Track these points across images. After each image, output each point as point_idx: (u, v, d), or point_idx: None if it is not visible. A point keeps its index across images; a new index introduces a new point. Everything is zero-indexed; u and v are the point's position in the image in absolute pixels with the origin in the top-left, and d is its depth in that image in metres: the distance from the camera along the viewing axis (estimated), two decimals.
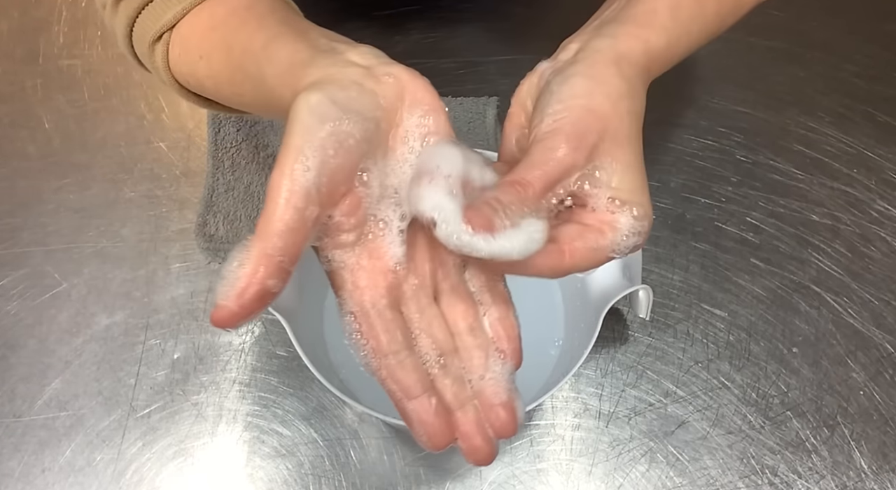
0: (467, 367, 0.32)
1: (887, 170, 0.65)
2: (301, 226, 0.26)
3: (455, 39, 0.73)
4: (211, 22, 0.39)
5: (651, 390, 0.54)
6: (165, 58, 0.42)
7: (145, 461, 0.51)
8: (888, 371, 0.55)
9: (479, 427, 0.30)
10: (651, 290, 0.48)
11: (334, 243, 0.30)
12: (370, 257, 0.31)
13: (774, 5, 0.77)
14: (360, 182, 0.30)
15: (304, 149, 0.27)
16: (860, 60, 0.72)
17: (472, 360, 0.32)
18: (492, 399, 0.31)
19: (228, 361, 0.54)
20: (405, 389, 0.30)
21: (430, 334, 0.31)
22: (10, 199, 0.62)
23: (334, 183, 0.28)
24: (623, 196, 0.30)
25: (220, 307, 0.26)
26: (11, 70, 0.70)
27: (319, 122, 0.27)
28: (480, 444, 0.30)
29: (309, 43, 0.33)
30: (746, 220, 0.62)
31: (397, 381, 0.30)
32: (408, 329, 0.31)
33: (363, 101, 0.29)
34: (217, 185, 0.61)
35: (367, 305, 0.31)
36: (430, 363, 0.31)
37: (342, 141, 0.28)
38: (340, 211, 0.29)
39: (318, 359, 0.45)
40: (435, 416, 0.30)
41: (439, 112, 0.32)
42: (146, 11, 0.41)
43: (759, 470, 0.51)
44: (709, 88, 0.70)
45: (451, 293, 0.32)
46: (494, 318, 0.32)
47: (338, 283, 0.31)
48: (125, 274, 0.58)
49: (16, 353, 0.55)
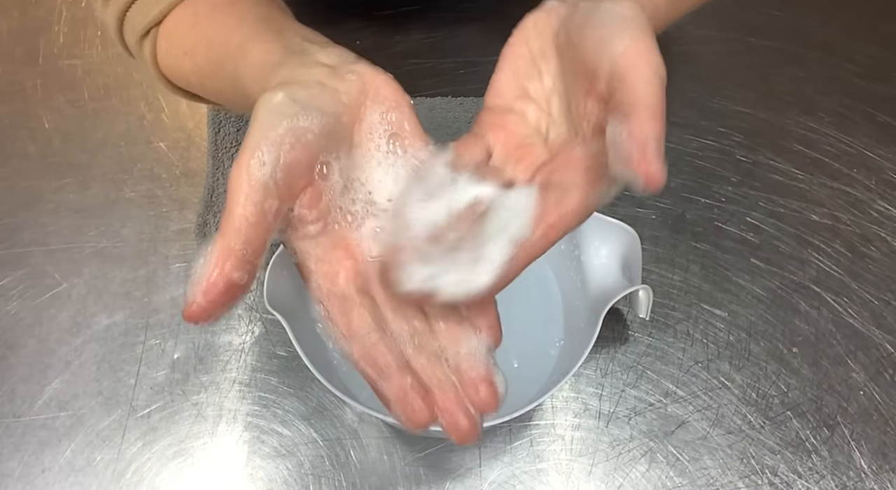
0: (442, 346, 0.31)
1: (887, 170, 0.65)
2: (261, 219, 0.27)
3: (455, 39, 0.73)
4: (194, 18, 0.40)
5: (651, 390, 0.54)
6: (153, 52, 0.43)
7: (145, 461, 0.51)
8: (888, 371, 0.55)
9: (460, 403, 0.30)
10: (651, 290, 0.48)
11: (298, 235, 0.31)
12: (335, 247, 0.32)
13: (774, 5, 0.77)
14: (321, 175, 0.30)
15: (260, 144, 0.28)
16: (860, 60, 0.72)
17: (446, 339, 0.31)
18: (470, 375, 0.31)
19: (228, 361, 0.54)
20: (379, 370, 0.30)
21: (402, 315, 0.31)
22: (10, 199, 0.62)
23: (292, 177, 0.29)
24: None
25: (190, 303, 0.27)
26: (11, 70, 0.70)
27: (277, 118, 0.28)
28: (462, 420, 0.30)
29: (282, 43, 0.34)
30: (746, 220, 0.62)
31: (371, 362, 0.30)
32: (378, 312, 0.31)
33: (324, 98, 0.30)
34: (217, 185, 0.61)
35: (335, 291, 0.31)
36: (403, 343, 0.31)
37: (299, 136, 0.28)
38: (301, 203, 0.30)
39: (318, 359, 0.45)
40: (412, 395, 0.30)
41: (403, 107, 0.33)
42: (135, 7, 0.42)
43: (759, 470, 0.51)
44: (709, 88, 0.70)
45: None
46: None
47: (305, 274, 0.32)
48: (125, 274, 0.58)
49: (16, 353, 0.55)
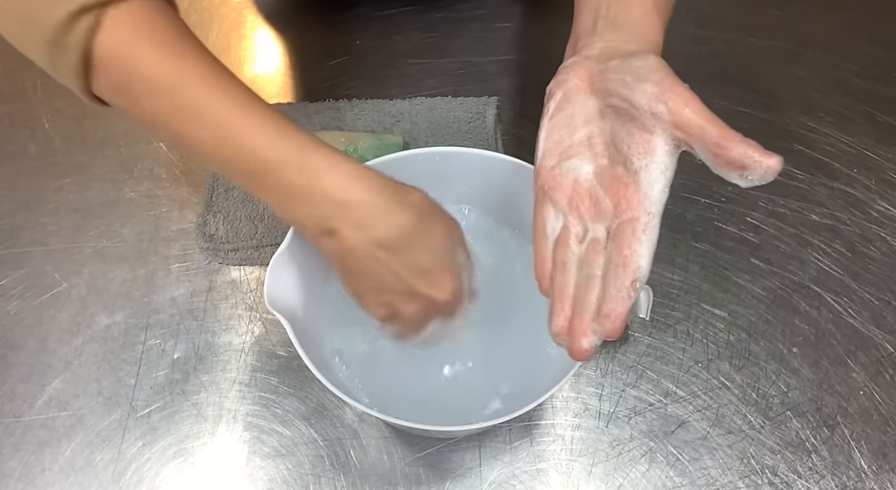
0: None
1: (887, 170, 0.65)
2: None
3: (455, 39, 0.73)
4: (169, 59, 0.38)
5: (651, 390, 0.54)
6: (89, 35, 0.36)
7: (145, 461, 0.51)
8: (888, 371, 0.55)
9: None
10: (651, 290, 0.48)
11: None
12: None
13: (774, 5, 0.77)
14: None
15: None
16: (860, 60, 0.72)
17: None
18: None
19: (228, 361, 0.54)
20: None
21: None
22: (11, 199, 0.62)
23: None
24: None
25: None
26: (11, 70, 0.70)
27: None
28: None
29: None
30: (746, 220, 0.62)
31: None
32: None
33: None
34: (217, 185, 0.61)
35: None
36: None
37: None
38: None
39: (318, 359, 0.45)
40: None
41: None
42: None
43: (759, 470, 0.51)
44: (709, 88, 0.69)
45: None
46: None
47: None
48: (125, 274, 0.58)
49: (16, 353, 0.55)
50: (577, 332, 0.37)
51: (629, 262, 0.36)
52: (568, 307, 0.38)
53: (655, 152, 0.36)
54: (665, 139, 0.36)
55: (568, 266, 0.38)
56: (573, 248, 0.38)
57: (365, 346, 0.51)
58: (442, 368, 0.51)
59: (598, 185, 0.38)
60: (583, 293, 0.37)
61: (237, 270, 0.59)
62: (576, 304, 0.37)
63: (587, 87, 0.38)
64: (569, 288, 0.38)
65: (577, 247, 0.38)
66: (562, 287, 0.38)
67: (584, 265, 0.37)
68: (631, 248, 0.36)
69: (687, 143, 0.35)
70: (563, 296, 0.38)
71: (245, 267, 0.59)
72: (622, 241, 0.36)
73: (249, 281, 0.58)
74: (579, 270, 0.38)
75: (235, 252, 0.58)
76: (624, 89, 0.36)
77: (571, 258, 0.38)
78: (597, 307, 0.37)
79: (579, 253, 0.38)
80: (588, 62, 0.39)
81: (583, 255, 0.38)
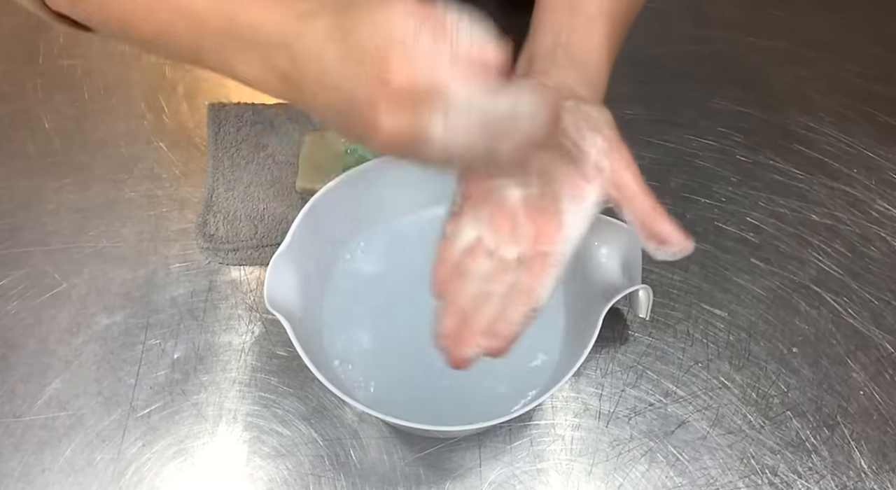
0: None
1: (887, 170, 0.65)
2: None
3: None
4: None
5: (651, 390, 0.54)
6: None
7: (145, 461, 0.51)
8: (888, 371, 0.55)
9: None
10: (651, 290, 0.48)
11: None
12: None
13: (775, 5, 0.77)
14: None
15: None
16: (861, 60, 0.72)
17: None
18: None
19: (228, 361, 0.54)
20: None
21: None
22: (11, 199, 0.62)
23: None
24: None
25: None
26: (11, 70, 0.70)
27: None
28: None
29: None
30: (746, 220, 0.62)
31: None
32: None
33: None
34: (217, 185, 0.61)
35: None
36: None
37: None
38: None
39: (318, 359, 0.45)
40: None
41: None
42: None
43: (759, 470, 0.51)
44: (709, 88, 0.70)
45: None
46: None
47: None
48: (125, 274, 0.58)
49: (16, 353, 0.55)
50: (463, 340, 0.38)
51: (534, 291, 0.37)
52: (459, 315, 0.39)
53: (585, 201, 0.38)
54: (598, 192, 0.38)
55: (471, 277, 0.39)
56: (481, 261, 0.39)
57: (365, 346, 0.51)
58: (442, 368, 0.51)
59: (522, 212, 0.39)
60: (479, 306, 0.38)
61: (237, 270, 0.59)
62: (469, 314, 0.38)
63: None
64: (466, 297, 0.39)
65: (486, 261, 0.39)
66: (460, 294, 0.39)
67: (486, 281, 0.39)
68: (539, 279, 0.37)
69: (617, 204, 0.38)
70: (457, 302, 0.39)
71: (245, 267, 0.59)
72: (533, 270, 0.38)
73: (249, 281, 0.58)
74: (480, 284, 0.39)
75: (235, 252, 0.58)
76: (575, 133, 0.38)
77: (477, 270, 0.39)
78: (488, 324, 0.38)
79: (486, 268, 0.39)
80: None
81: (488, 272, 0.39)
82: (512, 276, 0.38)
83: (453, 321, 0.39)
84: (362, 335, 0.51)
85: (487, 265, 0.39)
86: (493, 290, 0.38)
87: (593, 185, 0.37)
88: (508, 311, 0.38)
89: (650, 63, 0.70)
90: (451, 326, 0.39)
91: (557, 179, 0.38)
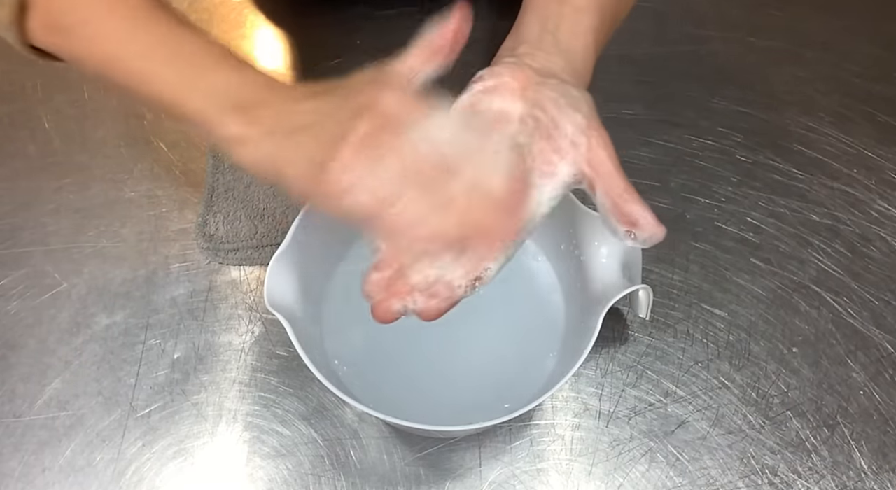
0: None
1: (887, 170, 0.65)
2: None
3: None
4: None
5: (651, 390, 0.54)
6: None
7: (145, 461, 0.51)
8: (888, 371, 0.55)
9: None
10: (651, 290, 0.48)
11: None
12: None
13: (774, 5, 0.77)
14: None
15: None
16: (860, 60, 0.72)
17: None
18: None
19: (228, 361, 0.54)
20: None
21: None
22: (11, 199, 0.62)
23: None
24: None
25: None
26: (11, 70, 0.70)
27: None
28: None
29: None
30: (746, 220, 0.62)
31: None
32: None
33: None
34: (217, 185, 0.61)
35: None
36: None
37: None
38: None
39: (318, 359, 0.45)
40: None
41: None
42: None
43: (759, 470, 0.51)
44: (709, 88, 0.70)
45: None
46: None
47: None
48: (125, 274, 0.58)
49: (16, 353, 0.55)
50: (397, 291, 0.37)
51: (483, 261, 0.36)
52: (397, 267, 0.37)
53: (556, 177, 0.37)
54: (571, 170, 0.37)
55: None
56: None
57: (365, 346, 0.51)
58: (442, 368, 0.51)
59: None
60: (422, 263, 0.36)
61: (237, 270, 0.59)
62: (408, 267, 0.37)
63: (519, 89, 0.39)
64: (410, 254, 0.37)
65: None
66: (403, 252, 0.37)
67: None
68: (491, 251, 0.36)
69: (590, 183, 0.37)
70: (399, 256, 0.37)
71: (245, 267, 0.59)
72: (486, 240, 0.36)
73: (249, 281, 0.58)
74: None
75: (235, 252, 0.58)
76: (554, 108, 0.38)
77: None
78: (427, 282, 0.36)
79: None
80: (528, 70, 0.40)
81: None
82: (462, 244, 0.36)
83: (390, 271, 0.37)
84: (362, 335, 0.51)
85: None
86: (439, 252, 0.36)
87: (566, 160, 0.37)
88: (453, 274, 0.36)
89: (650, 63, 0.70)
90: (386, 275, 0.37)
91: (530, 152, 0.37)
